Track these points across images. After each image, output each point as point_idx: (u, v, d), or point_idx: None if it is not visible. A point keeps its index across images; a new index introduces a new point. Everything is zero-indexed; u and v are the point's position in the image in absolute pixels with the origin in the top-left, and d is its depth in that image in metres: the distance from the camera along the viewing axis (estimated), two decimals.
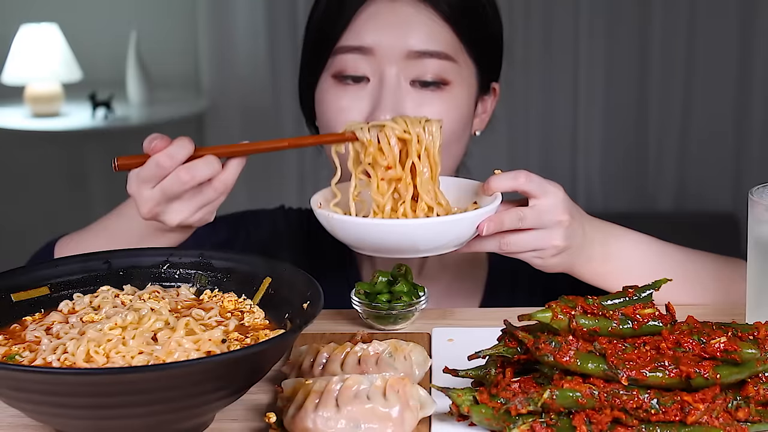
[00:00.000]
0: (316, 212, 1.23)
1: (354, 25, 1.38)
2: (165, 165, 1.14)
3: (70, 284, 1.12)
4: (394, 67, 1.36)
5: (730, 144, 3.99)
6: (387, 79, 1.36)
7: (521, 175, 1.22)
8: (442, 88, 1.38)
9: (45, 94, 3.88)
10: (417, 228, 1.17)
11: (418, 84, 1.37)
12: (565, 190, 1.24)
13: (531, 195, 1.22)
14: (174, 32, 4.24)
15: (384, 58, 1.37)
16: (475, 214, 1.18)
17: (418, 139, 1.23)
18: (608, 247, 1.29)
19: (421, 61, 1.36)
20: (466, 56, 1.41)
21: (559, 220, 1.22)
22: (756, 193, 1.14)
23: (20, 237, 4.20)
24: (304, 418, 0.95)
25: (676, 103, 3.97)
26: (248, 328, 1.05)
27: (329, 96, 1.40)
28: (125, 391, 0.87)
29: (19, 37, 3.84)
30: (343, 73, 1.39)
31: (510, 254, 1.24)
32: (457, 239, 1.20)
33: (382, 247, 1.19)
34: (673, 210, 4.01)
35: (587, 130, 4.03)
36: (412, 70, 1.37)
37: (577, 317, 0.98)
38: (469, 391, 0.98)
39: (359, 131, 1.23)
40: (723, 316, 1.22)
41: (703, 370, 0.94)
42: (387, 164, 1.21)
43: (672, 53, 3.93)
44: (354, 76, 1.38)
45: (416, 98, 1.37)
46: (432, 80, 1.37)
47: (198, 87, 4.21)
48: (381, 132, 1.22)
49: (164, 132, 1.19)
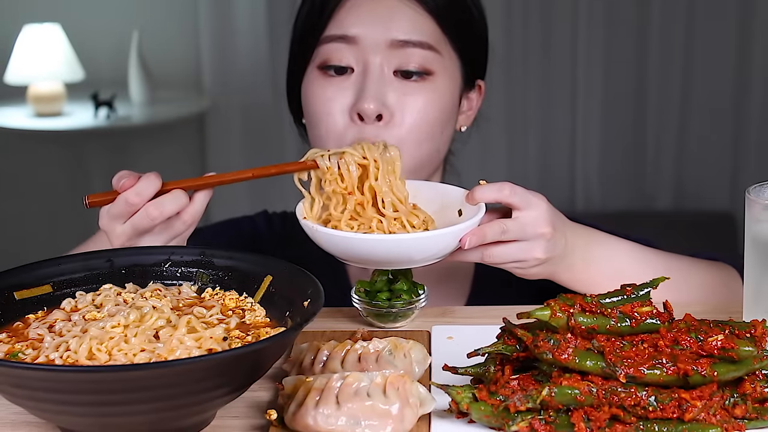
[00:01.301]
0: (301, 222, 1.23)
1: (338, 15, 1.40)
2: (134, 202, 1.19)
3: (72, 282, 1.13)
4: (378, 56, 1.38)
5: (727, 143, 4.00)
6: (371, 68, 1.38)
7: (506, 188, 1.23)
8: (425, 78, 1.39)
9: (48, 94, 3.88)
10: (398, 243, 1.18)
11: (401, 74, 1.39)
12: (548, 200, 1.25)
13: (515, 207, 1.23)
14: (176, 32, 4.24)
15: (368, 47, 1.38)
16: (457, 228, 1.19)
17: (376, 164, 1.25)
18: (590, 254, 1.29)
19: (405, 50, 1.38)
20: (449, 48, 1.43)
21: (542, 233, 1.23)
22: (753, 192, 1.14)
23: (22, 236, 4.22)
24: (304, 415, 0.96)
25: (673, 103, 3.98)
26: (249, 326, 1.06)
27: (314, 87, 1.42)
28: (127, 388, 0.88)
29: (22, 37, 3.84)
30: (327, 63, 1.40)
31: (492, 264, 1.25)
32: (440, 252, 1.21)
33: (364, 259, 1.20)
34: (671, 209, 4.02)
35: (585, 129, 4.03)
36: (396, 59, 1.38)
37: (576, 315, 0.99)
38: (469, 389, 0.98)
39: (320, 159, 1.25)
40: (720, 314, 1.22)
41: (701, 368, 0.95)
42: (348, 190, 1.24)
43: (670, 53, 3.93)
44: (338, 67, 1.40)
45: (399, 88, 1.38)
46: (415, 70, 1.39)
47: (199, 86, 4.21)
48: (341, 159, 1.24)
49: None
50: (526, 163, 4.05)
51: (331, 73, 1.40)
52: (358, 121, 1.37)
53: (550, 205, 1.25)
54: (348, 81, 1.39)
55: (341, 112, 1.39)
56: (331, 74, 1.40)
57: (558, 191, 4.02)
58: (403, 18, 1.39)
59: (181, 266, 1.16)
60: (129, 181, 1.19)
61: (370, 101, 1.35)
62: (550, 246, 1.24)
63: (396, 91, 1.38)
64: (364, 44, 1.38)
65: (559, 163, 4.06)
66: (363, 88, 1.37)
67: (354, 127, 1.38)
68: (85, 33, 4.10)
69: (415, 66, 1.38)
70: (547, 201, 1.25)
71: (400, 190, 1.26)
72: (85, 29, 4.12)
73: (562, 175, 4.05)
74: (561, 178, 4.05)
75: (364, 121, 1.36)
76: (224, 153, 4.16)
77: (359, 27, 1.39)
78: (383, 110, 1.36)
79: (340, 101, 1.39)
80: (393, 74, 1.39)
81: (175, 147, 4.23)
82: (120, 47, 4.05)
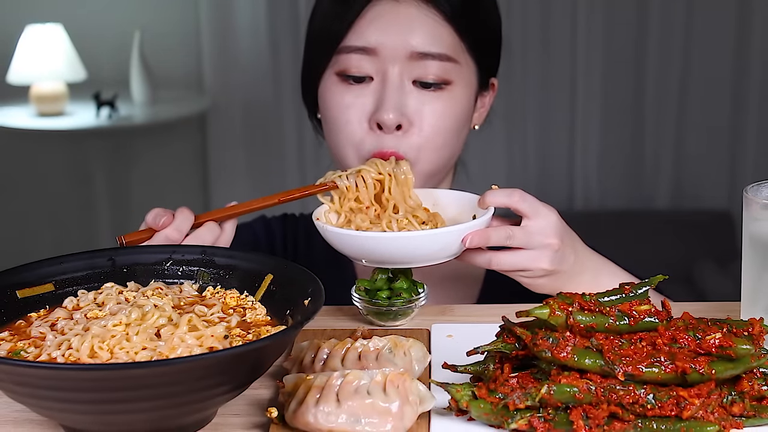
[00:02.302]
0: (315, 223, 1.27)
1: (358, 25, 1.40)
2: (174, 238, 1.25)
3: (74, 281, 1.13)
4: (397, 67, 1.39)
5: (725, 143, 4.00)
6: (390, 78, 1.39)
7: (516, 194, 1.24)
8: (443, 88, 1.41)
9: (50, 94, 3.88)
10: (404, 240, 1.21)
11: (420, 84, 1.40)
12: (560, 214, 1.26)
13: (523, 214, 1.24)
14: (177, 32, 4.24)
15: (387, 58, 1.39)
16: (461, 227, 1.21)
17: (391, 178, 1.33)
18: (598, 281, 1.29)
19: (424, 62, 1.39)
20: (467, 56, 1.44)
21: (548, 243, 1.23)
22: (751, 191, 1.14)
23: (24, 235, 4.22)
24: (305, 412, 0.96)
25: (672, 102, 3.98)
26: (250, 324, 1.06)
27: (333, 94, 1.43)
28: (129, 386, 0.88)
29: (24, 38, 3.84)
30: (346, 72, 1.41)
31: (500, 271, 1.26)
32: (444, 251, 1.23)
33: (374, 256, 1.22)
34: (669, 208, 4.02)
35: (584, 129, 4.03)
36: (415, 70, 1.39)
37: (575, 314, 0.99)
38: (468, 387, 0.99)
39: (339, 180, 1.32)
40: (718, 312, 1.23)
41: (699, 366, 0.95)
42: (366, 204, 1.32)
43: (668, 53, 3.93)
44: (357, 76, 1.41)
45: (418, 97, 1.40)
46: (434, 81, 1.40)
47: (201, 86, 4.21)
48: (358, 176, 1.32)
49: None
50: (525, 162, 4.05)
51: (350, 81, 1.42)
52: (376, 129, 1.39)
53: (561, 219, 1.26)
54: (367, 89, 1.41)
55: (360, 121, 1.41)
56: (350, 82, 1.42)
57: (557, 190, 4.02)
58: (423, 29, 1.39)
59: (182, 265, 1.17)
60: (167, 219, 1.25)
61: (390, 111, 1.37)
62: (557, 258, 1.24)
63: (414, 100, 1.39)
64: (383, 55, 1.39)
65: (558, 162, 4.06)
66: (382, 98, 1.38)
67: (373, 135, 1.40)
68: (86, 33, 4.11)
69: (433, 78, 1.40)
70: (558, 214, 1.26)
71: (414, 200, 1.34)
72: (87, 29, 4.12)
73: (561, 174, 4.05)
74: (560, 177, 4.05)
75: (383, 130, 1.38)
76: (226, 152, 4.16)
77: (379, 38, 1.39)
78: (402, 120, 1.38)
79: (359, 109, 1.40)
80: (412, 83, 1.40)
81: (177, 146, 4.24)
82: (122, 47, 4.06)
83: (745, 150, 3.98)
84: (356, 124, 1.41)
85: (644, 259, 2.69)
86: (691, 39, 3.90)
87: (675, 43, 3.91)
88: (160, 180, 4.22)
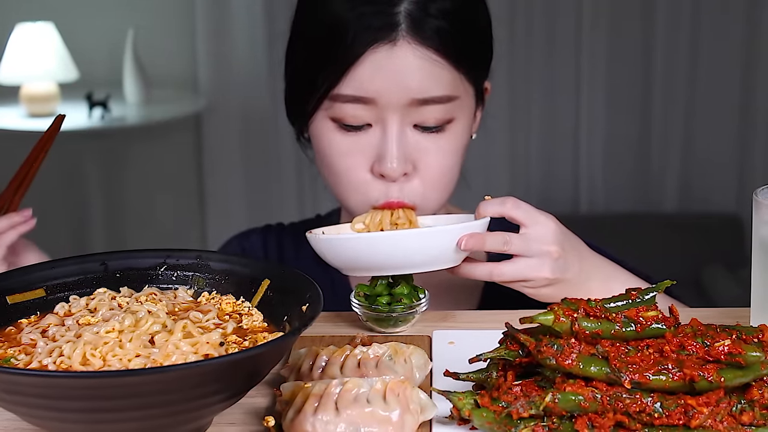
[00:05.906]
0: (308, 237, 1.25)
1: (354, 73, 1.33)
2: None
3: (66, 286, 1.11)
4: (397, 114, 1.34)
5: (734, 145, 4.00)
6: (390, 127, 1.34)
7: (508, 201, 1.23)
8: (445, 129, 1.37)
9: (41, 94, 3.87)
10: (398, 239, 1.19)
11: (421, 127, 1.36)
12: (559, 221, 1.24)
13: (519, 222, 1.23)
14: (171, 31, 4.23)
15: (386, 106, 1.33)
16: (455, 227, 1.19)
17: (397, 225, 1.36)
18: (609, 289, 1.24)
19: (425, 108, 1.34)
20: (466, 84, 1.38)
21: (548, 251, 1.22)
22: (761, 195, 1.14)
23: None
24: (303, 421, 0.95)
25: (679, 104, 3.98)
26: (247, 330, 1.05)
27: (330, 141, 1.38)
28: (122, 394, 0.87)
29: (14, 37, 3.83)
30: (343, 121, 1.36)
31: (501, 283, 1.25)
32: (442, 254, 1.21)
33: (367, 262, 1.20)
34: (677, 211, 4.02)
35: (590, 131, 4.04)
36: (415, 115, 1.34)
37: (580, 320, 0.98)
38: (470, 395, 0.97)
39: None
40: (727, 318, 1.21)
41: (707, 374, 0.94)
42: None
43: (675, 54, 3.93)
44: (355, 126, 1.36)
45: (420, 141, 1.36)
46: (435, 125, 1.36)
47: (195, 86, 4.20)
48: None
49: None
50: (529, 166, 4.05)
51: (347, 128, 1.37)
52: (380, 177, 1.36)
53: (561, 226, 1.24)
54: (366, 136, 1.36)
55: (362, 167, 1.36)
56: (347, 129, 1.36)
57: (561, 193, 4.02)
58: (421, 73, 1.33)
59: (176, 270, 1.15)
60: None
61: (394, 161, 1.33)
62: (558, 266, 1.23)
63: (417, 144, 1.36)
64: (382, 104, 1.33)
65: (563, 164, 4.06)
66: (384, 148, 1.34)
67: (378, 182, 1.36)
68: (79, 32, 4.10)
69: (434, 122, 1.35)
70: (557, 221, 1.24)
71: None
72: (79, 28, 4.11)
73: (566, 176, 4.05)
74: (565, 179, 4.05)
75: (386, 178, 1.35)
76: (220, 153, 4.16)
77: (377, 87, 1.32)
78: (407, 167, 1.35)
79: (359, 157, 1.36)
80: (413, 127, 1.36)
81: (171, 148, 4.23)
82: (114, 46, 4.05)
83: (754, 152, 3.98)
84: (359, 170, 1.36)
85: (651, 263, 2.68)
86: (698, 40, 3.91)
87: (682, 45, 3.91)
88: (153, 182, 4.21)
